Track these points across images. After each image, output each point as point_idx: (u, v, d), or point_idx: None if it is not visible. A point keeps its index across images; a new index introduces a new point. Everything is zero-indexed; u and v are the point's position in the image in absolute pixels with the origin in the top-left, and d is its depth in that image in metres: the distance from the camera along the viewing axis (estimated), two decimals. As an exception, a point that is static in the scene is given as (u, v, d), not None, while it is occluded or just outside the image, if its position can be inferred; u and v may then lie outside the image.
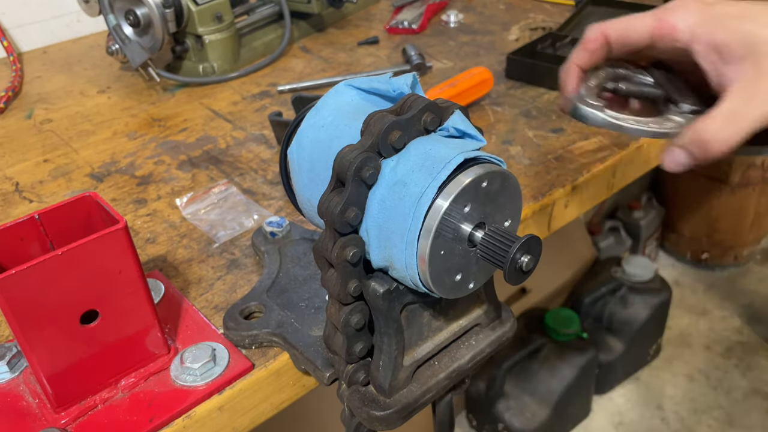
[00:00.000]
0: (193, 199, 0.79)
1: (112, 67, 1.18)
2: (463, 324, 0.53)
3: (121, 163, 0.89)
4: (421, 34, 1.27)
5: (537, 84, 1.02)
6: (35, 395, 0.54)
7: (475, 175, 0.42)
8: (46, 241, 0.53)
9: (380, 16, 1.37)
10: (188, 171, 0.86)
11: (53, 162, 0.90)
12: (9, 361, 0.56)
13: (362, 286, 0.46)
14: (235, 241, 0.72)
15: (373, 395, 0.50)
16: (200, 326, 0.60)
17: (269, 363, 0.57)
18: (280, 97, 1.05)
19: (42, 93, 1.10)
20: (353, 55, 1.20)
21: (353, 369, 0.49)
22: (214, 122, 0.98)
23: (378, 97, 0.51)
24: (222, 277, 0.67)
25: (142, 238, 0.74)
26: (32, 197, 0.83)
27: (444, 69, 1.11)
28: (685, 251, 2.38)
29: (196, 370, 0.55)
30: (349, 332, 0.47)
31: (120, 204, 0.80)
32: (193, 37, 1.10)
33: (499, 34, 1.25)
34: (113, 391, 0.54)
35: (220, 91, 1.08)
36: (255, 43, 1.19)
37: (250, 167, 0.86)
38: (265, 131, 0.95)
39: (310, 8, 1.24)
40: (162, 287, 0.64)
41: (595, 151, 0.85)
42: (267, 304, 0.60)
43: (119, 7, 1.05)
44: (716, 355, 2.05)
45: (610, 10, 1.20)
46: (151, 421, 0.52)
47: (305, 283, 0.63)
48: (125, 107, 1.04)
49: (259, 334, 0.58)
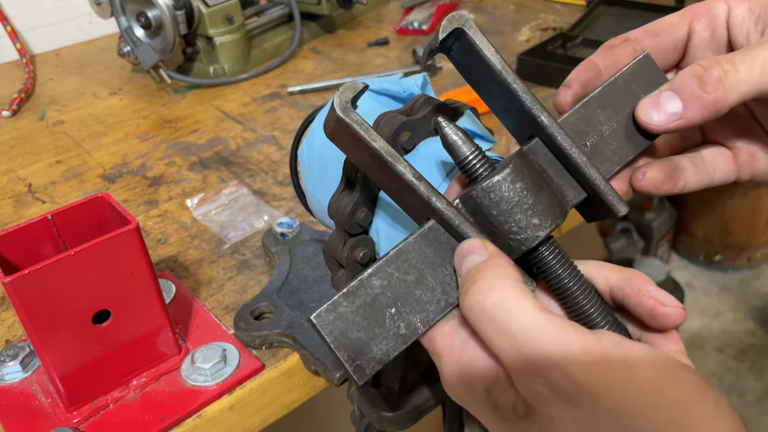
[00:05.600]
0: (204, 200, 0.79)
1: (123, 69, 1.19)
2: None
3: (132, 164, 0.90)
4: (431, 35, 1.27)
5: (548, 84, 1.02)
6: (48, 394, 0.54)
7: (485, 176, 0.41)
8: (59, 242, 0.54)
9: (390, 17, 1.37)
10: (199, 172, 0.87)
11: (66, 163, 0.91)
12: (22, 361, 0.56)
13: (372, 287, 0.46)
14: (246, 241, 0.72)
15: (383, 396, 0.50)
16: (211, 326, 0.60)
17: (279, 363, 0.57)
18: (290, 98, 1.06)
19: (54, 95, 1.11)
20: (363, 56, 1.20)
21: (363, 370, 0.49)
22: (225, 123, 0.99)
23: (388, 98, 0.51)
24: (233, 278, 0.67)
25: (154, 238, 0.74)
26: (45, 198, 0.83)
27: (454, 70, 1.11)
28: (697, 253, 2.36)
29: (206, 370, 0.55)
30: (359, 333, 0.47)
31: (132, 205, 0.81)
32: (204, 38, 1.11)
33: (509, 35, 1.24)
34: (125, 390, 0.54)
35: (231, 92, 1.09)
36: (265, 44, 1.20)
37: (260, 168, 0.87)
38: (275, 132, 0.95)
39: (320, 10, 1.24)
40: (173, 288, 0.64)
41: (607, 151, 0.85)
42: (277, 305, 0.60)
43: (131, 10, 1.06)
44: (729, 357, 2.03)
45: (622, 10, 1.19)
46: (163, 420, 0.52)
47: (315, 283, 0.63)
48: (137, 109, 1.05)
49: (270, 334, 0.58)
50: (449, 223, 0.35)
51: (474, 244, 0.35)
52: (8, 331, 0.63)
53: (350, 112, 0.35)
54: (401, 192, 0.37)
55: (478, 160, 0.36)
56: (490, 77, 0.39)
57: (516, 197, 0.35)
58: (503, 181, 0.35)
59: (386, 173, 0.36)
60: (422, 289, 0.35)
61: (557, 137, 0.38)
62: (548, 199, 0.36)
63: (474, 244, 0.35)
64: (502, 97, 0.39)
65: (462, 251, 0.35)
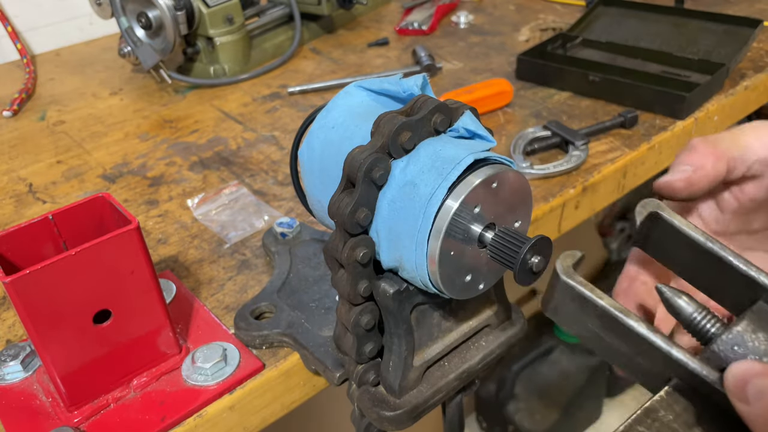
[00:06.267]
0: (205, 200, 0.79)
1: (124, 69, 1.19)
2: (473, 325, 0.53)
3: (133, 164, 0.90)
4: (431, 35, 1.27)
5: (547, 85, 1.02)
6: (48, 394, 0.54)
7: (485, 176, 0.41)
8: (60, 242, 0.54)
9: (390, 18, 1.37)
10: (199, 172, 0.87)
11: (66, 163, 0.91)
12: (23, 361, 0.56)
13: (372, 287, 0.46)
14: (246, 241, 0.73)
15: (383, 396, 0.50)
16: (211, 326, 0.61)
17: (280, 363, 0.58)
18: (290, 98, 1.06)
19: (55, 95, 1.11)
20: (363, 56, 1.20)
21: (363, 369, 0.49)
22: (225, 123, 0.99)
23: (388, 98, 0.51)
24: (233, 278, 0.67)
25: (154, 238, 0.74)
26: (45, 198, 0.84)
27: (454, 70, 1.11)
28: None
29: (207, 370, 0.55)
30: (359, 333, 0.47)
31: (132, 205, 0.81)
32: (204, 39, 1.11)
33: (509, 35, 1.24)
34: (125, 390, 0.54)
35: (231, 92, 1.09)
36: (265, 44, 1.20)
37: (260, 168, 0.87)
38: (275, 132, 0.95)
39: (320, 10, 1.24)
40: (173, 287, 0.65)
41: (606, 152, 0.85)
42: (277, 305, 0.60)
43: (131, 10, 1.06)
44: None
45: (622, 10, 1.19)
46: (163, 420, 0.52)
47: (315, 283, 0.63)
48: (137, 109, 1.05)
49: (270, 334, 0.58)
50: (700, 376, 0.33)
51: (755, 365, 0.32)
52: (9, 331, 0.63)
53: (573, 275, 0.36)
54: (636, 354, 0.35)
55: (703, 317, 0.35)
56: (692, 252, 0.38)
57: (762, 346, 0.33)
58: (744, 332, 0.33)
59: (617, 333, 0.34)
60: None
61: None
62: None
63: (754, 364, 0.32)
64: (710, 268, 0.38)
65: (739, 373, 0.32)
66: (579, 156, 0.82)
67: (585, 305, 0.35)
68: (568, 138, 0.84)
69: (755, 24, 1.06)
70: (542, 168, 0.81)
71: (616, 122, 0.89)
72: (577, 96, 0.99)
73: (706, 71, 0.97)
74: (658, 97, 0.91)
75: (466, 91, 0.94)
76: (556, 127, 0.86)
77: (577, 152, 0.83)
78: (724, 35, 1.08)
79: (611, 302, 0.35)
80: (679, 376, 0.34)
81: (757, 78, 1.01)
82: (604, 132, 0.89)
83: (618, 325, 0.35)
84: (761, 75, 1.02)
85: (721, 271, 0.37)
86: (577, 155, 0.82)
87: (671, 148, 0.90)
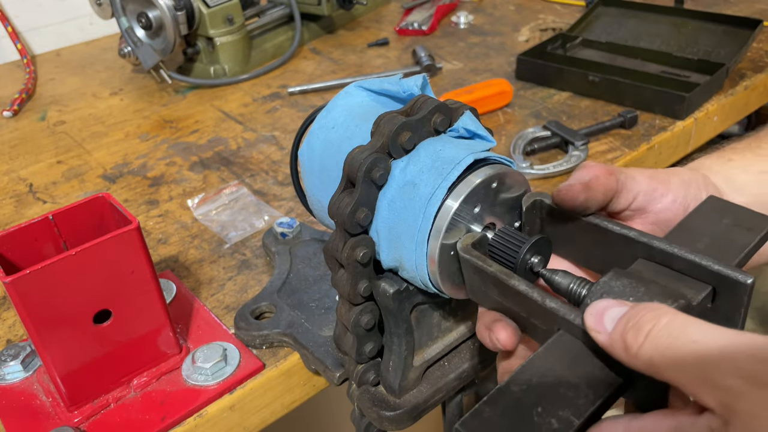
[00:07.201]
0: (205, 200, 0.79)
1: (124, 70, 1.19)
2: (473, 325, 0.53)
3: (133, 164, 0.90)
4: (431, 36, 1.27)
5: (547, 85, 1.02)
6: (49, 394, 0.54)
7: (485, 176, 0.42)
8: (60, 242, 0.54)
9: (390, 18, 1.37)
10: (199, 172, 0.87)
11: (66, 163, 0.91)
12: (23, 360, 0.56)
13: (372, 287, 0.46)
14: (246, 241, 0.73)
15: (383, 395, 0.50)
16: (211, 326, 0.61)
17: (280, 363, 0.58)
18: (290, 98, 1.06)
19: (55, 95, 1.12)
20: (363, 56, 1.20)
21: (363, 369, 0.50)
22: (225, 124, 0.99)
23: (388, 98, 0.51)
24: (233, 278, 0.68)
25: (154, 238, 0.74)
26: (46, 198, 0.84)
27: (454, 70, 1.11)
28: (697, 253, 2.36)
29: (207, 370, 0.55)
30: (359, 332, 0.47)
31: (132, 205, 0.81)
32: (205, 39, 1.11)
33: (509, 35, 1.24)
34: (126, 390, 0.55)
35: (231, 92, 1.09)
36: (265, 45, 1.20)
37: (260, 168, 0.87)
38: (275, 132, 0.95)
39: (320, 10, 1.24)
40: (174, 287, 0.65)
41: (606, 152, 0.85)
42: (278, 305, 0.60)
43: (131, 10, 1.06)
44: (729, 357, 2.03)
45: (621, 11, 1.19)
46: (163, 419, 0.52)
47: (315, 283, 0.63)
48: (137, 109, 1.05)
49: (270, 334, 0.58)
50: (573, 323, 0.36)
51: (610, 300, 0.35)
52: (9, 331, 0.63)
53: (471, 251, 0.41)
54: (530, 314, 0.39)
55: (579, 285, 0.39)
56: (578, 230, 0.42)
57: (627, 289, 0.37)
58: (609, 281, 0.37)
59: (509, 296, 0.38)
60: (565, 388, 0.35)
61: (661, 246, 0.39)
62: (660, 289, 0.37)
63: (609, 300, 0.35)
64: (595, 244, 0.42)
65: (597, 310, 0.35)
66: (579, 156, 0.82)
67: (484, 277, 0.39)
68: (567, 138, 0.84)
69: (755, 24, 1.06)
70: (542, 168, 0.81)
71: (615, 122, 0.89)
72: (577, 96, 0.99)
73: (706, 71, 0.97)
74: (657, 97, 0.91)
75: (466, 91, 0.94)
76: (555, 127, 0.86)
77: (576, 152, 0.83)
78: (724, 35, 1.08)
79: (499, 268, 0.39)
80: (564, 329, 0.37)
81: (756, 78, 1.01)
82: (603, 132, 0.89)
83: (507, 288, 0.39)
84: (761, 75, 1.02)
85: (605, 243, 0.41)
86: (577, 155, 0.82)
87: (671, 148, 0.90)
